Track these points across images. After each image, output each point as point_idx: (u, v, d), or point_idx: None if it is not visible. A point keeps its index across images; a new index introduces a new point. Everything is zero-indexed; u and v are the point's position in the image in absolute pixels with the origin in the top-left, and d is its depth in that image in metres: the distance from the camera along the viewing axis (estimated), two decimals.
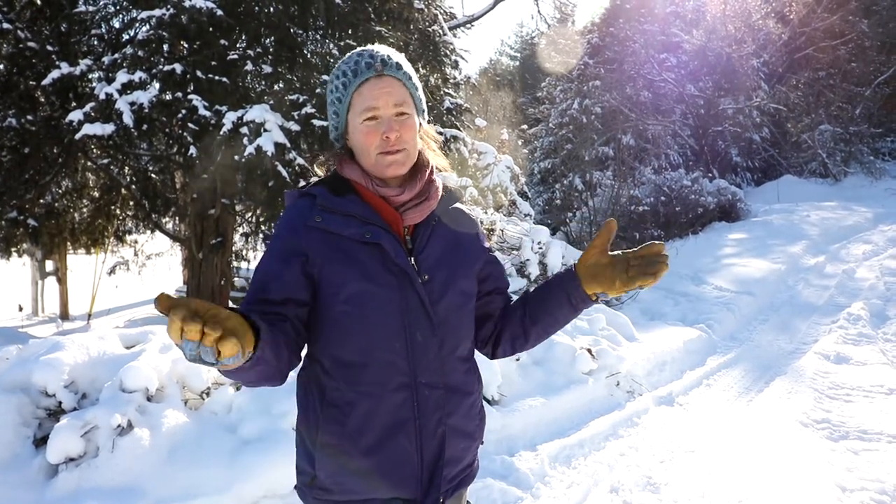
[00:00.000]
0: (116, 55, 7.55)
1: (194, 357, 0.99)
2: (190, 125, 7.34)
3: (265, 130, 7.07)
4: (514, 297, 1.70)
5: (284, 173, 7.10)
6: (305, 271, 1.42)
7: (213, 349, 0.99)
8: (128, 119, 6.86)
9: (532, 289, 1.64)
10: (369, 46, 1.49)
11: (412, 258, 1.46)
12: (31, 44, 7.81)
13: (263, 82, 8.38)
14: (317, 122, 7.49)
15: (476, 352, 1.66)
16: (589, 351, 5.34)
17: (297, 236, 1.43)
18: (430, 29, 9.23)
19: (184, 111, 7.30)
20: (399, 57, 1.49)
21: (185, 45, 7.76)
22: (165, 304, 0.97)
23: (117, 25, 8.86)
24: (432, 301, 1.46)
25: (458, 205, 1.62)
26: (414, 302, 1.43)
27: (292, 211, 1.48)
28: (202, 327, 0.96)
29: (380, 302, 1.41)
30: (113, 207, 10.52)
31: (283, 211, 1.52)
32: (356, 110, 1.44)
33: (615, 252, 1.49)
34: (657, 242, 1.44)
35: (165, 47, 7.49)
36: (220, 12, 7.29)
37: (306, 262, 1.42)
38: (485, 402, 4.25)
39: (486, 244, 1.66)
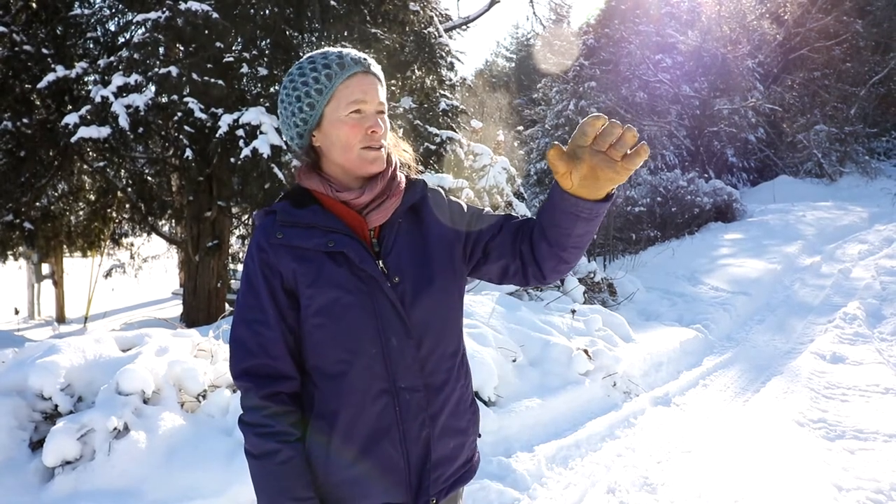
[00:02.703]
0: (112, 58, 7.56)
1: None
2: (186, 128, 7.35)
3: (261, 133, 7.08)
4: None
5: (280, 175, 7.10)
6: (288, 292, 1.42)
7: None
8: (123, 122, 6.86)
9: (538, 222, 1.45)
10: (343, 49, 1.47)
11: (380, 261, 1.44)
12: (26, 47, 7.82)
13: (259, 84, 8.39)
14: None
15: (465, 348, 1.62)
16: (585, 352, 5.34)
17: (267, 255, 1.42)
18: (425, 31, 9.24)
19: (179, 114, 7.30)
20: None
21: (181, 48, 7.76)
22: None
23: (113, 28, 8.87)
24: (405, 303, 1.44)
25: (423, 191, 1.56)
26: (385, 306, 1.42)
27: (259, 231, 1.46)
28: None
29: (351, 310, 1.40)
30: (109, 210, 10.51)
31: (253, 232, 1.51)
32: (341, 102, 1.41)
33: (571, 153, 1.26)
34: (591, 118, 1.21)
35: (161, 50, 7.49)
36: (215, 15, 7.30)
37: (283, 281, 1.42)
38: (481, 404, 4.27)
39: (461, 213, 1.57)
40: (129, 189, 9.73)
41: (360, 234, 1.45)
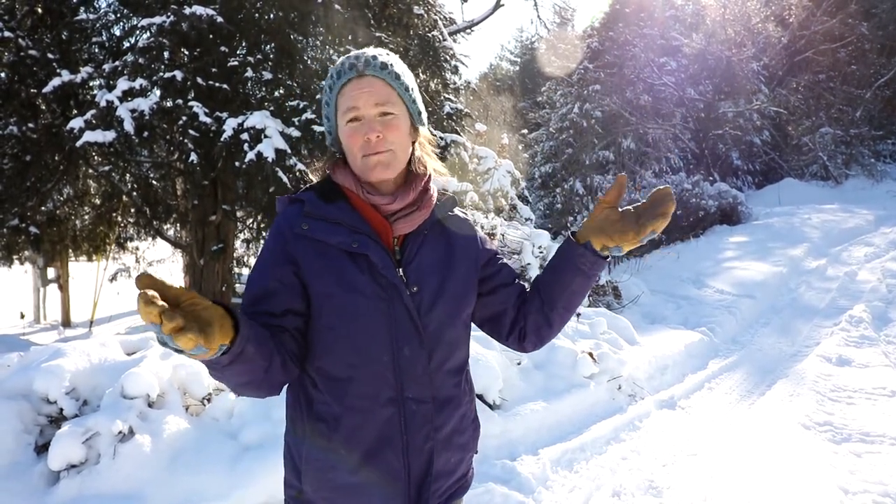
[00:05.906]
0: (117, 62, 7.58)
1: (161, 341, 0.97)
2: (190, 132, 7.36)
3: (266, 136, 7.10)
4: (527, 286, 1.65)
5: (285, 179, 7.11)
6: (299, 279, 1.39)
7: (172, 337, 0.95)
8: (129, 126, 6.88)
9: (540, 274, 1.58)
10: (362, 49, 1.45)
11: (400, 269, 1.42)
12: (32, 52, 7.85)
13: (264, 88, 8.41)
14: (317, 128, 7.51)
15: (469, 365, 1.62)
16: (590, 355, 5.33)
17: (286, 244, 1.39)
18: (429, 34, 9.26)
19: (184, 118, 7.32)
20: (388, 58, 1.44)
21: (186, 52, 7.79)
22: (145, 282, 0.95)
23: (118, 33, 8.89)
24: (421, 313, 1.42)
25: (454, 210, 1.57)
26: (402, 315, 1.39)
27: (281, 218, 1.44)
28: (160, 313, 0.92)
29: (366, 315, 1.38)
30: (114, 214, 10.55)
31: (275, 217, 1.49)
32: (340, 111, 1.41)
33: (626, 208, 1.46)
34: (661, 187, 1.42)
35: (166, 54, 7.52)
36: (220, 19, 7.32)
37: (298, 271, 1.38)
38: (486, 407, 4.27)
39: (488, 246, 1.60)
40: (135, 193, 9.76)
41: (384, 239, 1.43)
